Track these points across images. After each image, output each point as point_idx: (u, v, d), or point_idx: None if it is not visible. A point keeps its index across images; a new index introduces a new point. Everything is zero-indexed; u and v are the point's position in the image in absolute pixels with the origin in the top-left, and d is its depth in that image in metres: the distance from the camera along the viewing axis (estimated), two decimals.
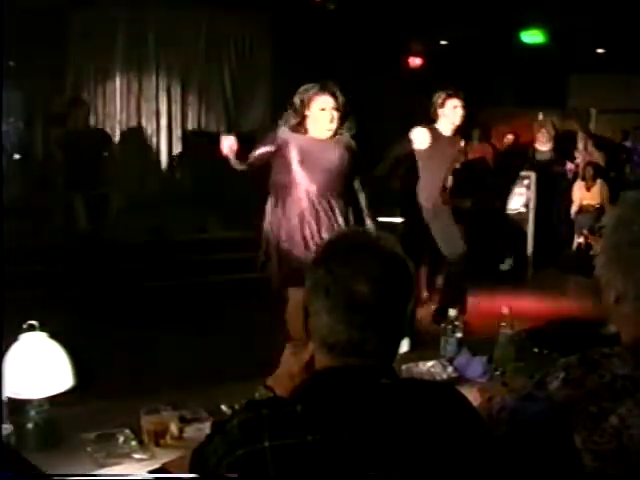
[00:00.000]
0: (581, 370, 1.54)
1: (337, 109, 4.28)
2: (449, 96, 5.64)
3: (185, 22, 10.16)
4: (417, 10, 8.74)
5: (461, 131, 5.89)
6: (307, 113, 4.28)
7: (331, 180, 4.29)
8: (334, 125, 4.29)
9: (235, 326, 5.86)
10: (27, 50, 8.46)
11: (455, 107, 5.65)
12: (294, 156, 4.26)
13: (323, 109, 4.26)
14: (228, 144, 4.26)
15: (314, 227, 4.24)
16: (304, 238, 4.24)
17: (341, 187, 4.34)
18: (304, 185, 4.26)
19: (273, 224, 4.36)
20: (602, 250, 1.56)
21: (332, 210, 4.29)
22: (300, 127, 4.29)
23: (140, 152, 10.18)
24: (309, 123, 4.30)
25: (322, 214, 4.26)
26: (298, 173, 4.26)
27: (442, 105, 5.66)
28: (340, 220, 4.29)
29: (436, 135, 5.55)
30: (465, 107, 5.66)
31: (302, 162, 4.25)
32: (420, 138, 4.79)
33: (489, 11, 8.39)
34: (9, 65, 8.83)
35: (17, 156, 8.33)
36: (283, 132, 4.33)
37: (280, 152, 4.32)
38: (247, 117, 10.58)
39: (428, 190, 5.73)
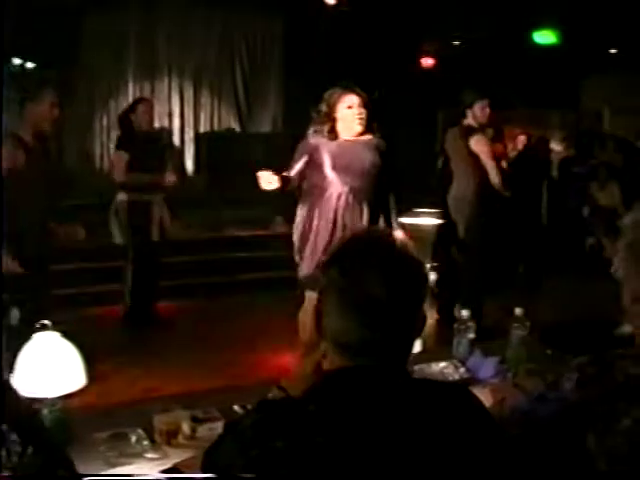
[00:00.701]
0: (595, 371, 1.54)
1: (364, 106, 4.29)
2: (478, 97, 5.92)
3: (197, 23, 10.20)
4: (430, 11, 8.74)
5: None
6: (335, 115, 4.27)
7: (362, 182, 4.28)
8: (363, 122, 4.29)
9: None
10: (39, 52, 8.52)
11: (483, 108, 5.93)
12: (326, 161, 4.25)
13: (350, 107, 4.25)
14: (266, 180, 4.21)
15: (345, 230, 4.23)
16: (332, 242, 4.21)
17: (372, 189, 4.33)
18: (336, 189, 4.25)
19: (305, 228, 4.35)
20: (620, 250, 1.55)
21: (361, 213, 4.29)
22: (331, 133, 4.29)
23: None
24: (339, 126, 4.29)
25: (353, 217, 4.26)
26: (330, 177, 4.25)
27: (471, 106, 5.92)
28: (366, 222, 4.29)
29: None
30: (491, 107, 5.96)
31: (334, 167, 4.24)
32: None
33: (502, 11, 8.37)
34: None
35: None
36: (313, 137, 4.32)
37: (312, 158, 4.30)
38: (259, 117, 10.60)
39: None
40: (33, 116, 4.47)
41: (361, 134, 4.32)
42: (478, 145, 5.86)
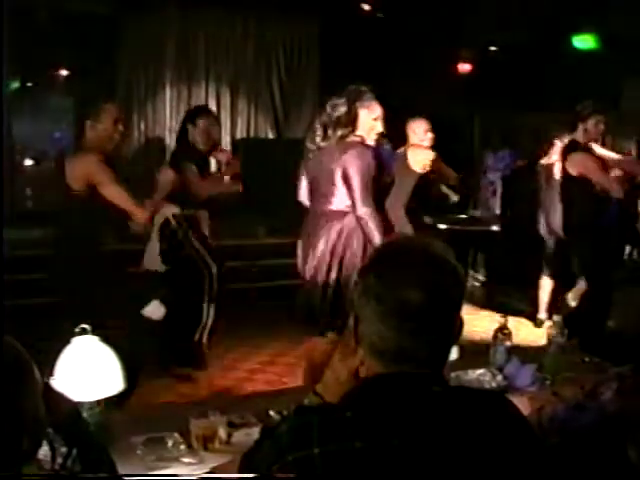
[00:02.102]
0: (635, 380, 1.52)
1: (382, 117, 4.08)
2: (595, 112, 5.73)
3: (234, 27, 10.25)
4: (466, 16, 8.70)
5: None
6: (357, 123, 4.02)
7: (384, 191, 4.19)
8: (380, 132, 4.10)
9: None
10: (78, 57, 8.62)
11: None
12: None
13: (376, 119, 4.04)
14: None
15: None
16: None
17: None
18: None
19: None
20: None
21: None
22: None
23: None
24: (359, 133, 4.04)
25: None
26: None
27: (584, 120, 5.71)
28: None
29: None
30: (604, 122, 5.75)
31: None
32: None
33: (540, 16, 8.31)
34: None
35: None
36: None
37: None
38: (296, 124, 10.62)
39: None
40: (95, 137, 4.23)
41: None
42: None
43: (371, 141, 4.05)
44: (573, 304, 6.11)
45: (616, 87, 9.21)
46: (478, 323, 6.19)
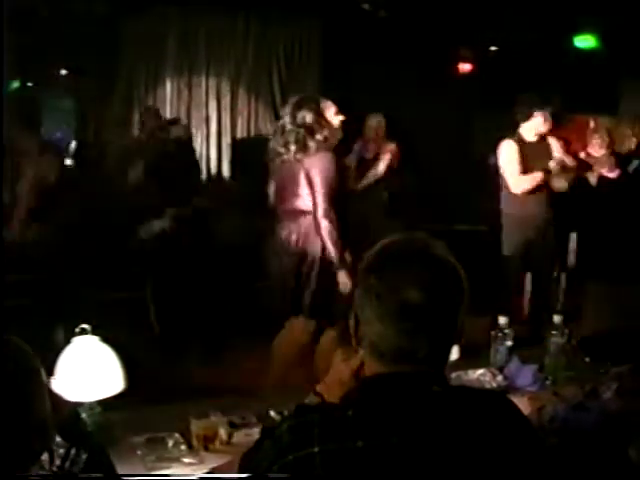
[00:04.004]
0: (635, 380, 1.52)
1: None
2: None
3: (235, 27, 10.24)
4: (467, 16, 8.69)
5: None
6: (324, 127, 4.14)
7: None
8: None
9: None
10: (78, 57, 8.62)
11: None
12: None
13: (337, 114, 4.22)
14: None
15: None
16: None
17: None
18: None
19: None
20: None
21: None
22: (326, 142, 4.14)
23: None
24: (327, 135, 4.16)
25: None
26: None
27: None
28: None
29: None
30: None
31: None
32: None
33: (540, 16, 8.31)
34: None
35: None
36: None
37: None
38: None
39: None
40: None
41: None
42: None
43: (335, 140, 4.16)
44: None
45: (615, 88, 9.22)
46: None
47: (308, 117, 4.06)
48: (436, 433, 1.33)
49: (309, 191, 4.07)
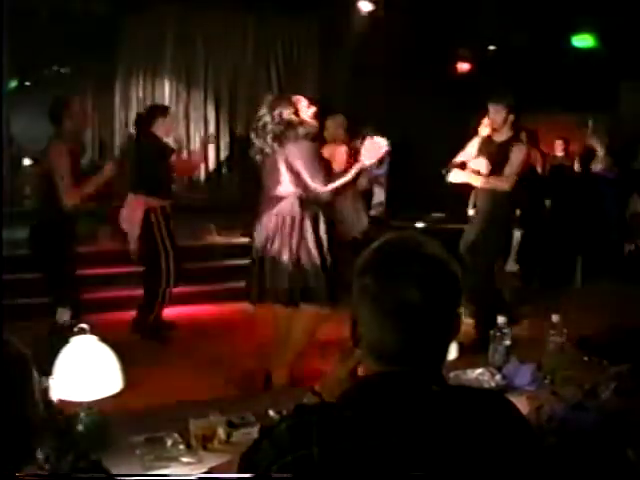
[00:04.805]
0: (634, 380, 1.51)
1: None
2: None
3: (233, 27, 10.25)
4: (466, 15, 8.71)
5: None
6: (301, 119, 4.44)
7: None
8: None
9: None
10: (78, 57, 8.63)
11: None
12: None
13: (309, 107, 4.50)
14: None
15: None
16: None
17: None
18: None
19: None
20: None
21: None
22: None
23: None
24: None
25: None
26: None
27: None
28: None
29: None
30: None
31: None
32: None
33: (539, 15, 8.32)
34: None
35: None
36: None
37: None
38: None
39: None
40: None
41: None
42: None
43: (313, 130, 4.43)
44: None
45: (615, 89, 9.23)
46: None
47: (285, 113, 4.34)
48: (434, 433, 1.32)
49: (291, 177, 4.33)
